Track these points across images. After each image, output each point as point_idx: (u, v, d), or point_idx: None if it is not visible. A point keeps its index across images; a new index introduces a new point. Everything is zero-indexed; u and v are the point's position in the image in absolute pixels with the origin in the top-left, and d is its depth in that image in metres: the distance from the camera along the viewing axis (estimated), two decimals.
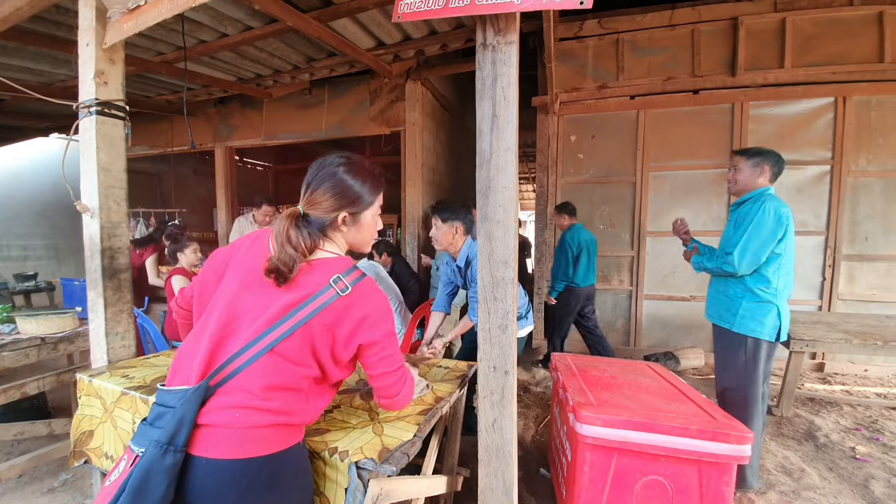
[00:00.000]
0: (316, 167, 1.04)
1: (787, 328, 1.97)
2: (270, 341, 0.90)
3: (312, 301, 0.93)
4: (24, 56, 3.16)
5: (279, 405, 0.90)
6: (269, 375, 0.90)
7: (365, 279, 1.00)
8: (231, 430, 0.85)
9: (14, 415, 2.34)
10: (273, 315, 0.92)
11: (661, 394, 1.77)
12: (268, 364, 0.90)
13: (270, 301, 0.94)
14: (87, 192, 1.85)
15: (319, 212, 1.00)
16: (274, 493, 0.88)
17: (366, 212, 1.06)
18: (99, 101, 1.77)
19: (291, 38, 3.24)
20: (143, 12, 1.61)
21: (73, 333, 2.21)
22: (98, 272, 1.86)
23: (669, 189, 4.13)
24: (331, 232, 1.03)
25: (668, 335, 4.24)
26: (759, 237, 1.85)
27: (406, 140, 4.29)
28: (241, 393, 0.88)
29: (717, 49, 3.88)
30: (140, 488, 0.77)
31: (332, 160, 1.04)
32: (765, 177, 1.96)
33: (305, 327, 0.92)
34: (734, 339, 1.98)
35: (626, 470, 1.51)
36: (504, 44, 1.36)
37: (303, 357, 0.93)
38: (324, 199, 1.00)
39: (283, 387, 0.91)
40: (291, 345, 0.91)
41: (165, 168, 7.15)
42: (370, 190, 1.06)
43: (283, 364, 0.91)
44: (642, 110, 4.13)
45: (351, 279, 0.98)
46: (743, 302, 1.95)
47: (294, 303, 0.93)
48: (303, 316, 0.92)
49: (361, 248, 1.13)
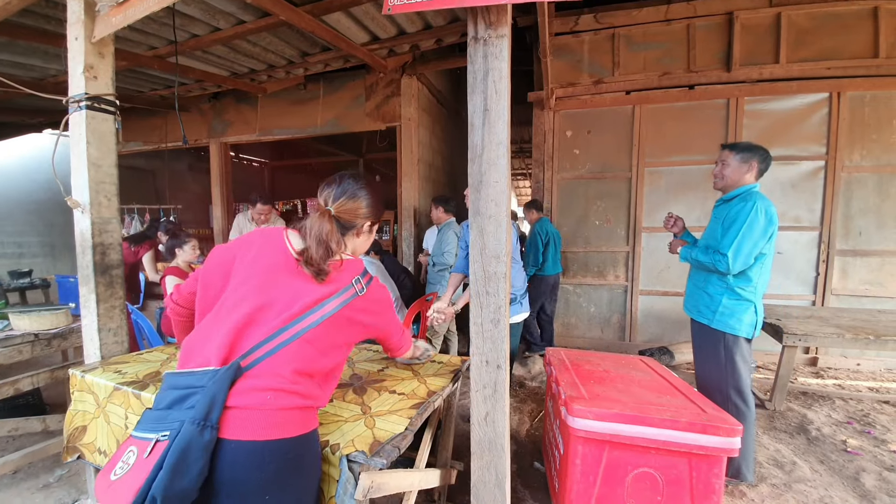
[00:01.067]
0: (352, 179, 1.17)
1: (761, 325, 2.00)
2: (301, 328, 0.99)
3: (339, 296, 1.06)
4: (15, 51, 3.13)
5: (303, 389, 0.96)
6: (298, 360, 0.97)
7: (374, 280, 1.18)
8: (262, 411, 0.89)
9: (8, 411, 2.33)
10: (305, 305, 1.01)
11: (653, 387, 1.78)
12: (297, 350, 0.97)
13: (301, 294, 1.02)
14: (78, 187, 1.84)
15: (353, 217, 1.14)
16: (297, 475, 0.92)
17: (376, 224, 1.25)
18: (89, 95, 1.75)
19: (285, 33, 3.21)
20: (131, 5, 1.59)
21: (67, 330, 2.21)
22: (90, 268, 1.85)
23: (665, 184, 4.14)
24: (349, 237, 1.17)
25: (662, 330, 4.26)
26: (752, 238, 1.86)
27: (402, 135, 4.28)
28: (273, 376, 0.93)
29: (712, 44, 3.87)
30: (178, 466, 0.78)
31: (363, 178, 1.20)
32: (752, 173, 1.96)
33: (333, 318, 1.03)
34: (713, 334, 2.00)
35: (618, 462, 1.53)
36: (495, 37, 1.35)
37: (327, 346, 1.03)
38: (361, 207, 1.15)
39: (308, 372, 0.99)
40: (319, 334, 1.01)
41: (160, 164, 7.10)
42: (383, 208, 1.27)
43: (310, 351, 0.99)
44: (638, 105, 4.13)
45: (366, 280, 1.14)
46: (723, 299, 1.97)
47: (325, 296, 1.04)
48: (331, 308, 1.03)
49: (360, 254, 1.26)
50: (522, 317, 2.52)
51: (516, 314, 2.46)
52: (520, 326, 2.58)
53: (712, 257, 1.96)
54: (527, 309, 2.55)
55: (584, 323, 4.50)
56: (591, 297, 4.46)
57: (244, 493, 0.85)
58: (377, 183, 1.47)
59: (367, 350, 1.96)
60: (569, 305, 4.52)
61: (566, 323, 4.54)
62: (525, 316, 2.54)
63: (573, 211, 4.42)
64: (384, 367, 1.71)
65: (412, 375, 1.62)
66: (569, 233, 4.43)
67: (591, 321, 4.48)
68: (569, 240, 4.43)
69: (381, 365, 1.74)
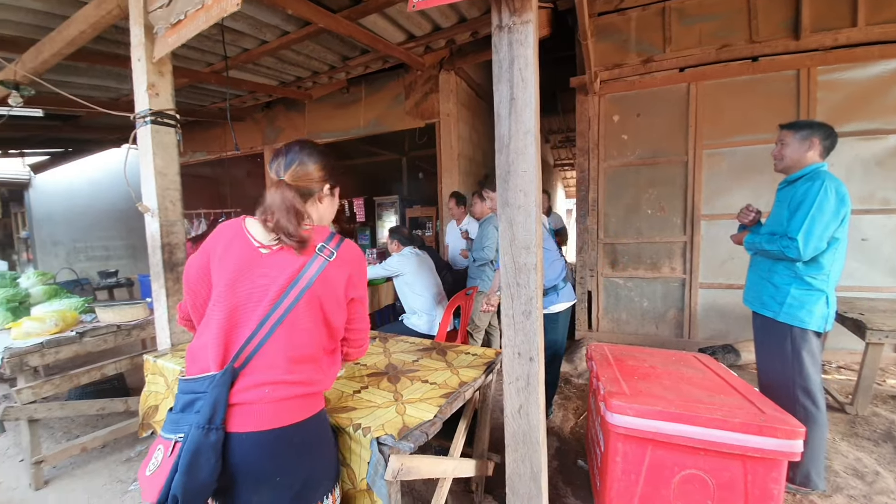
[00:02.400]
0: (298, 146, 1.12)
1: (833, 317, 1.79)
2: (280, 315, 0.98)
3: (308, 269, 1.02)
4: (93, 74, 3.54)
5: (301, 377, 0.98)
6: (288, 348, 0.98)
7: (346, 242, 1.11)
8: (263, 405, 0.93)
9: (96, 393, 2.69)
10: (278, 290, 0.99)
11: (705, 385, 1.66)
12: (284, 337, 0.98)
13: (269, 281, 1.00)
14: (147, 194, 2.05)
15: (308, 183, 1.09)
16: (307, 457, 0.97)
17: (336, 188, 1.19)
18: (152, 111, 1.95)
19: (326, 39, 3.35)
20: (183, 26, 1.74)
21: (144, 321, 2.48)
22: (160, 266, 2.07)
23: (727, 167, 3.80)
24: (310, 205, 1.12)
25: (727, 327, 3.93)
26: (823, 220, 1.67)
27: (441, 131, 4.30)
28: (267, 370, 0.96)
29: (777, 11, 3.49)
30: (191, 467, 0.85)
31: (310, 142, 1.16)
32: (814, 151, 1.77)
33: (308, 295, 1.00)
34: (778, 329, 1.83)
35: (663, 463, 1.45)
36: (520, 24, 1.32)
37: (315, 324, 1.02)
38: (315, 171, 1.10)
39: (302, 358, 1.00)
40: (300, 314, 1.00)
41: (222, 172, 7.72)
42: (336, 172, 1.19)
43: (297, 333, 0.99)
44: (693, 83, 3.82)
45: (333, 244, 1.07)
46: (791, 289, 1.78)
47: (294, 274, 1.01)
48: (303, 285, 1.00)
49: (326, 222, 1.21)
50: (563, 306, 2.44)
51: (553, 304, 2.40)
52: (565, 317, 2.49)
53: (779, 244, 1.78)
54: (567, 298, 2.47)
55: (637, 318, 4.27)
56: (644, 290, 4.22)
57: (257, 479, 0.92)
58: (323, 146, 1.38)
59: (404, 342, 2.01)
60: (619, 300, 4.31)
61: (616, 318, 4.34)
62: (566, 306, 2.46)
63: (622, 200, 4.20)
64: (418, 358, 1.75)
65: (445, 366, 1.64)
66: (617, 223, 4.22)
67: (645, 316, 4.24)
68: (618, 231, 4.22)
69: (416, 356, 1.78)
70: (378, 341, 2.03)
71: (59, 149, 6.53)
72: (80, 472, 2.24)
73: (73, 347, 2.17)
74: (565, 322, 2.51)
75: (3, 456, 2.43)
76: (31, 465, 2.08)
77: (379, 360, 1.74)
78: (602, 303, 4.36)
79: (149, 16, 1.90)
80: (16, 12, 2.55)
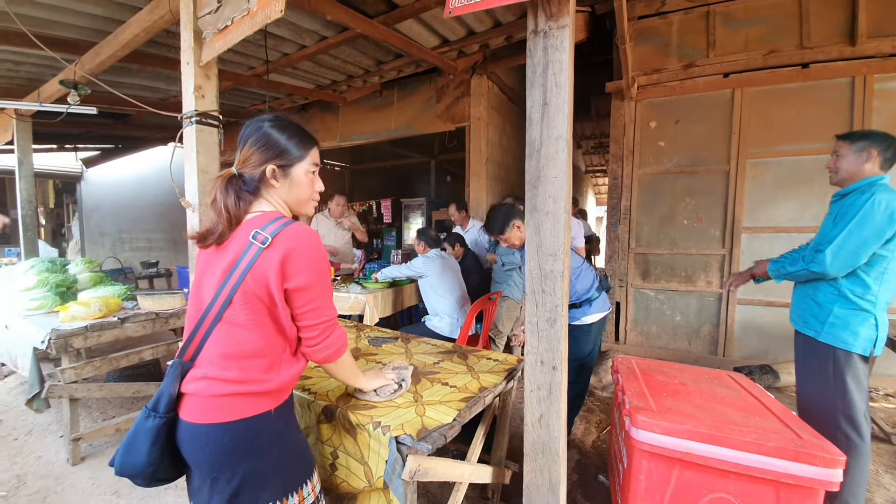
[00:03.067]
0: (245, 126, 1.05)
1: (883, 341, 1.66)
2: (217, 311, 0.95)
3: (240, 262, 0.94)
4: (144, 76, 3.76)
5: (237, 375, 0.93)
6: (224, 345, 0.95)
7: (288, 226, 0.97)
8: (198, 398, 0.94)
9: (133, 377, 2.84)
10: (214, 285, 0.96)
11: (739, 406, 1.58)
12: (221, 333, 0.95)
13: (213, 274, 0.98)
14: (190, 190, 2.15)
15: (249, 167, 1.01)
16: (243, 457, 0.93)
17: (296, 166, 1.04)
18: (198, 112, 2.04)
19: (361, 44, 3.43)
20: (230, 31, 1.82)
21: (181, 310, 2.60)
22: None
23: (772, 178, 3.60)
24: (264, 191, 1.03)
25: (766, 346, 3.73)
26: (861, 235, 1.57)
27: (471, 135, 4.31)
28: (206, 365, 0.95)
29: (830, 15, 3.30)
30: (128, 447, 0.93)
31: (261, 118, 1.05)
32: (872, 163, 1.66)
33: (241, 290, 0.93)
34: (820, 349, 1.72)
35: (690, 484, 1.38)
36: (556, 28, 1.31)
37: (253, 320, 0.95)
38: (251, 152, 1.01)
39: (240, 355, 0.94)
40: (236, 310, 0.94)
41: None
42: (298, 144, 1.04)
43: (234, 331, 0.95)
44: (738, 89, 3.66)
45: (271, 230, 0.95)
46: (834, 308, 1.67)
47: (226, 269, 0.95)
48: (235, 279, 0.93)
49: (300, 207, 1.09)
50: (596, 317, 2.28)
51: (585, 315, 2.27)
52: (598, 328, 2.32)
53: (805, 259, 1.70)
54: (600, 309, 2.30)
55: (668, 333, 4.11)
56: (677, 304, 4.06)
57: (199, 468, 0.95)
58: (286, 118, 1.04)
59: (426, 343, 2.02)
60: (649, 312, 4.16)
61: (645, 332, 4.19)
62: (599, 316, 2.30)
63: (656, 209, 4.06)
64: (439, 361, 1.75)
65: (466, 370, 1.63)
66: (650, 233, 4.09)
67: (677, 331, 4.08)
68: (650, 240, 4.09)
69: (437, 358, 1.78)
70: (400, 341, 2.04)
71: (109, 145, 6.96)
72: (112, 451, 2.35)
73: (114, 332, 2.30)
74: (598, 333, 2.36)
75: (45, 431, 2.60)
76: (70, 442, 2.21)
77: (400, 360, 1.75)
78: (631, 315, 4.23)
79: (198, 21, 2.00)
80: (77, 17, 2.74)
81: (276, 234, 0.95)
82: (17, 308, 2.53)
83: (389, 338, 2.10)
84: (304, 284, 0.96)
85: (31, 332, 2.21)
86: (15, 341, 2.39)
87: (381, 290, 3.32)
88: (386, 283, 3.47)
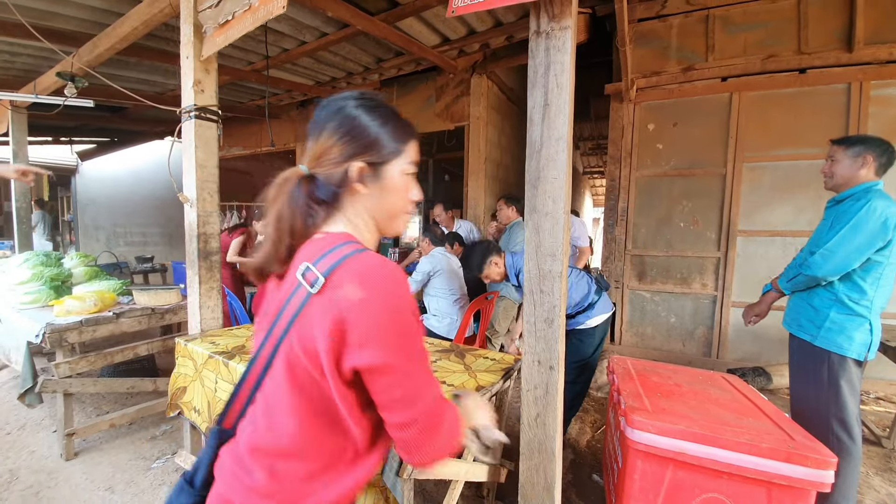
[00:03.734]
0: (320, 106, 0.72)
1: (877, 345, 1.69)
2: (257, 374, 0.67)
3: (285, 309, 0.64)
4: (141, 69, 3.73)
5: (263, 482, 0.62)
6: (255, 428, 0.66)
7: (351, 260, 0.61)
8: (219, 496, 0.66)
9: (128, 372, 2.83)
10: (257, 342, 0.69)
11: (733, 407, 1.59)
12: (258, 408, 0.67)
13: (265, 317, 0.70)
14: (188, 185, 2.14)
15: (328, 165, 0.68)
16: None
17: (391, 164, 0.70)
18: (197, 106, 2.03)
19: (362, 41, 3.42)
20: (231, 26, 1.81)
21: (177, 306, 2.59)
22: (195, 254, 2.15)
23: (769, 182, 3.63)
24: (346, 200, 0.70)
25: (759, 349, 3.76)
26: (854, 240, 1.59)
27: (470, 134, 4.31)
28: (229, 455, 0.68)
29: (828, 21, 3.33)
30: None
31: (342, 95, 0.72)
32: (868, 169, 1.68)
33: (283, 352, 0.63)
34: (815, 353, 1.74)
35: (683, 484, 1.40)
36: (558, 29, 1.32)
37: (296, 401, 0.62)
38: (331, 143, 0.68)
39: (272, 450, 0.63)
40: (275, 380, 0.64)
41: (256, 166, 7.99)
42: (394, 133, 0.70)
43: (271, 410, 0.64)
44: (736, 93, 3.68)
45: (326, 264, 0.61)
46: (830, 312, 1.70)
47: (273, 313, 0.66)
48: (278, 334, 0.64)
49: (390, 223, 0.75)
50: (599, 319, 2.27)
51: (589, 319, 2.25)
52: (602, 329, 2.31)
53: (798, 265, 1.75)
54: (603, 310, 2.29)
55: (662, 334, 4.14)
56: (672, 306, 4.09)
57: None
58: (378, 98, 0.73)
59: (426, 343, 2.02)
60: (644, 314, 4.19)
61: (640, 333, 4.22)
62: (603, 318, 2.30)
63: (653, 211, 4.09)
64: (437, 360, 1.75)
65: (463, 369, 1.64)
66: (647, 235, 4.11)
67: (671, 332, 4.11)
68: (647, 242, 4.11)
69: (435, 357, 1.79)
70: None
71: (105, 138, 6.90)
72: (107, 447, 2.35)
73: (109, 327, 2.29)
74: (602, 335, 2.33)
75: (38, 426, 2.58)
76: (64, 437, 2.20)
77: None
78: (626, 316, 4.25)
79: (198, 15, 1.99)
80: (76, 8, 2.72)
81: (330, 271, 0.60)
82: (11, 302, 2.51)
83: None
84: (377, 362, 0.58)
85: (26, 325, 2.19)
86: (8, 335, 2.38)
87: None
88: None
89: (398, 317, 0.59)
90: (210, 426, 0.78)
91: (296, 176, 0.69)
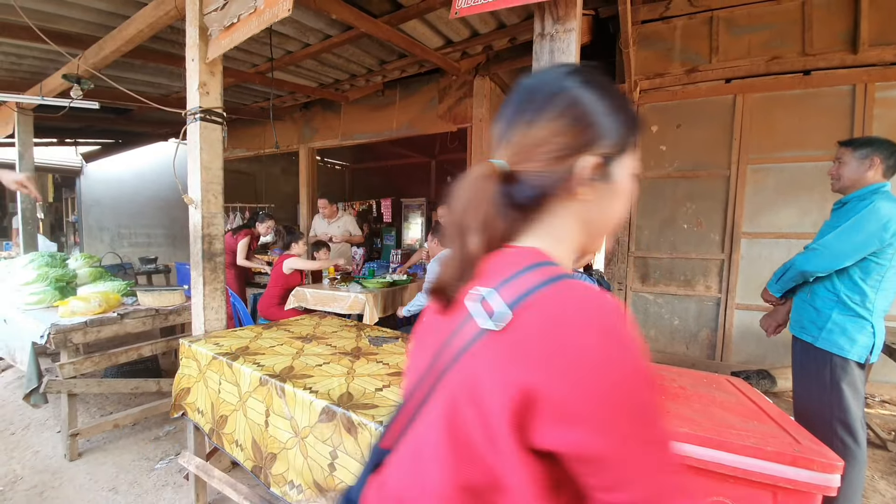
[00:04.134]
0: (525, 87, 0.56)
1: (880, 348, 1.69)
2: (415, 405, 0.53)
3: (451, 341, 0.49)
4: (147, 72, 3.75)
5: None
6: (403, 473, 0.53)
7: (552, 289, 0.45)
8: None
9: (131, 373, 2.84)
10: (414, 380, 0.55)
11: (738, 411, 1.58)
12: (408, 448, 0.53)
13: (425, 343, 0.57)
14: (192, 186, 2.15)
15: (540, 161, 0.51)
16: None
17: (623, 161, 0.54)
18: (202, 108, 2.04)
19: (365, 43, 3.43)
20: (236, 29, 1.82)
21: (181, 307, 2.60)
22: (199, 255, 2.16)
23: (774, 184, 3.63)
24: (555, 206, 0.53)
25: (763, 351, 3.74)
26: (851, 238, 1.60)
27: (472, 136, 4.31)
28: (376, 494, 0.57)
29: (833, 23, 3.32)
30: None
31: (557, 70, 0.56)
32: (875, 171, 1.67)
33: (441, 393, 0.48)
34: (817, 355, 1.74)
35: None
36: (563, 32, 1.32)
37: (450, 459, 0.46)
38: (547, 131, 0.51)
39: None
40: (429, 423, 0.50)
41: (259, 168, 8.03)
42: (628, 120, 0.53)
43: (422, 460, 0.50)
44: (740, 94, 3.68)
45: (513, 292, 0.45)
46: (832, 314, 1.69)
47: (437, 344, 0.52)
48: (439, 370, 0.50)
49: (598, 240, 0.59)
50: None
51: None
52: None
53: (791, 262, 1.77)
54: None
55: (666, 336, 4.13)
56: (675, 308, 4.08)
57: None
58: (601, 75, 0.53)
59: None
60: (647, 316, 4.18)
61: (644, 335, 4.21)
62: None
63: (657, 213, 4.08)
64: None
65: None
66: (650, 236, 4.11)
67: (675, 335, 4.10)
68: (650, 244, 4.10)
69: None
70: (400, 341, 2.04)
71: (110, 140, 6.94)
72: (111, 447, 2.36)
73: (113, 328, 2.30)
74: None
75: (42, 426, 2.60)
76: (68, 437, 2.21)
77: (400, 360, 1.76)
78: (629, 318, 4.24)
79: (204, 18, 2.00)
80: (82, 11, 2.74)
81: (518, 302, 0.44)
82: (16, 302, 2.53)
83: (390, 337, 2.10)
84: (595, 449, 0.40)
85: (30, 326, 2.21)
86: (14, 335, 2.39)
87: (380, 289, 3.33)
88: (386, 282, 3.54)
89: (625, 389, 0.41)
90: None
91: (494, 171, 0.52)
